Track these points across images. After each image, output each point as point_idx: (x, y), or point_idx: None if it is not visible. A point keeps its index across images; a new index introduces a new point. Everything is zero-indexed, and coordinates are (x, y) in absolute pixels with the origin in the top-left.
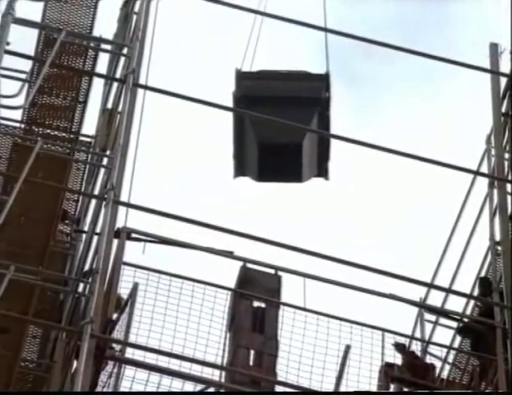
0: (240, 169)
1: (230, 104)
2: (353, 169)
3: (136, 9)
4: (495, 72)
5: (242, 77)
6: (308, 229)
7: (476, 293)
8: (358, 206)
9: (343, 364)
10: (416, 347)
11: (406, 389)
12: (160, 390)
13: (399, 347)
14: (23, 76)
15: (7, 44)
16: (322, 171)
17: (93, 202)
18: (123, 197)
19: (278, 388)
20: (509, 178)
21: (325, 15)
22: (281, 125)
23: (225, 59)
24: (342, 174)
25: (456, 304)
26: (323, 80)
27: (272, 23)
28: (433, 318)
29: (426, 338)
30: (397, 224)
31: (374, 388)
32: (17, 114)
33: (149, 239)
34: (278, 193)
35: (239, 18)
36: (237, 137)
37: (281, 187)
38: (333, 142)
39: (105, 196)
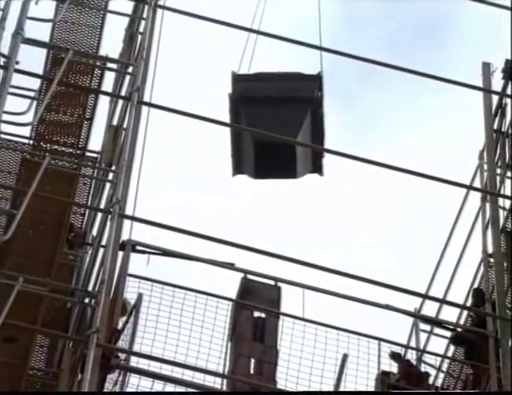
0: (238, 168)
1: (227, 105)
2: (350, 173)
3: (141, 29)
4: (487, 90)
5: (238, 79)
6: (307, 227)
7: (469, 303)
8: (355, 211)
9: (341, 373)
10: (411, 356)
11: None
12: None
13: (395, 356)
14: (32, 94)
15: (17, 63)
16: (316, 167)
17: (99, 215)
18: (128, 211)
19: None
20: (501, 192)
21: (320, 33)
22: (275, 124)
23: (226, 64)
24: (339, 175)
25: (450, 314)
26: (316, 80)
27: (268, 28)
28: (427, 327)
29: (421, 347)
30: (392, 235)
31: None
32: (26, 131)
33: (153, 251)
34: (277, 192)
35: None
36: (234, 137)
37: (279, 186)
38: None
39: (111, 209)
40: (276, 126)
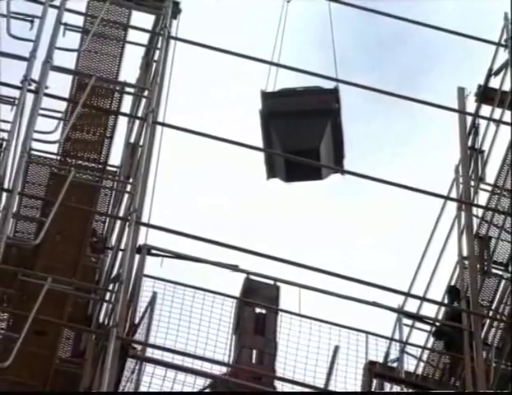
0: (271, 173)
1: (257, 120)
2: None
3: (155, 58)
4: (462, 112)
5: (266, 97)
6: (306, 228)
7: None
8: (352, 216)
9: (333, 362)
10: (395, 347)
11: (386, 384)
12: (175, 384)
13: None
14: (59, 115)
15: (46, 87)
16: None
17: (118, 222)
18: (144, 219)
19: (277, 383)
20: (475, 202)
21: (335, 62)
22: (301, 134)
23: (232, 86)
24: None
25: (429, 310)
26: (334, 93)
27: (289, 45)
28: (410, 322)
29: (404, 339)
30: (382, 239)
31: (359, 383)
32: (54, 148)
33: (166, 254)
34: (278, 194)
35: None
36: (266, 146)
37: (280, 188)
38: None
39: (129, 217)
40: (302, 136)
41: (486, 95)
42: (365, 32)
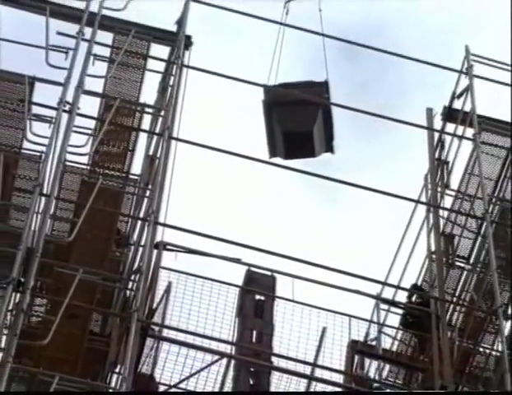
0: (273, 152)
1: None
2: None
3: (170, 83)
4: (430, 129)
5: (268, 89)
6: (305, 225)
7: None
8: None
9: (321, 341)
10: (373, 328)
11: (366, 359)
12: (187, 360)
13: None
14: (89, 131)
15: (78, 108)
16: (328, 148)
17: (139, 222)
18: (161, 219)
19: (274, 358)
20: (441, 205)
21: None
22: (298, 119)
23: (237, 104)
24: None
25: (403, 296)
26: (324, 85)
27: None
28: (386, 307)
29: (381, 322)
30: (361, 236)
31: (343, 358)
32: (85, 159)
33: (180, 249)
34: (282, 196)
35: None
36: (268, 130)
37: (280, 188)
38: None
39: (148, 218)
40: (298, 120)
41: (450, 114)
42: (345, 69)
